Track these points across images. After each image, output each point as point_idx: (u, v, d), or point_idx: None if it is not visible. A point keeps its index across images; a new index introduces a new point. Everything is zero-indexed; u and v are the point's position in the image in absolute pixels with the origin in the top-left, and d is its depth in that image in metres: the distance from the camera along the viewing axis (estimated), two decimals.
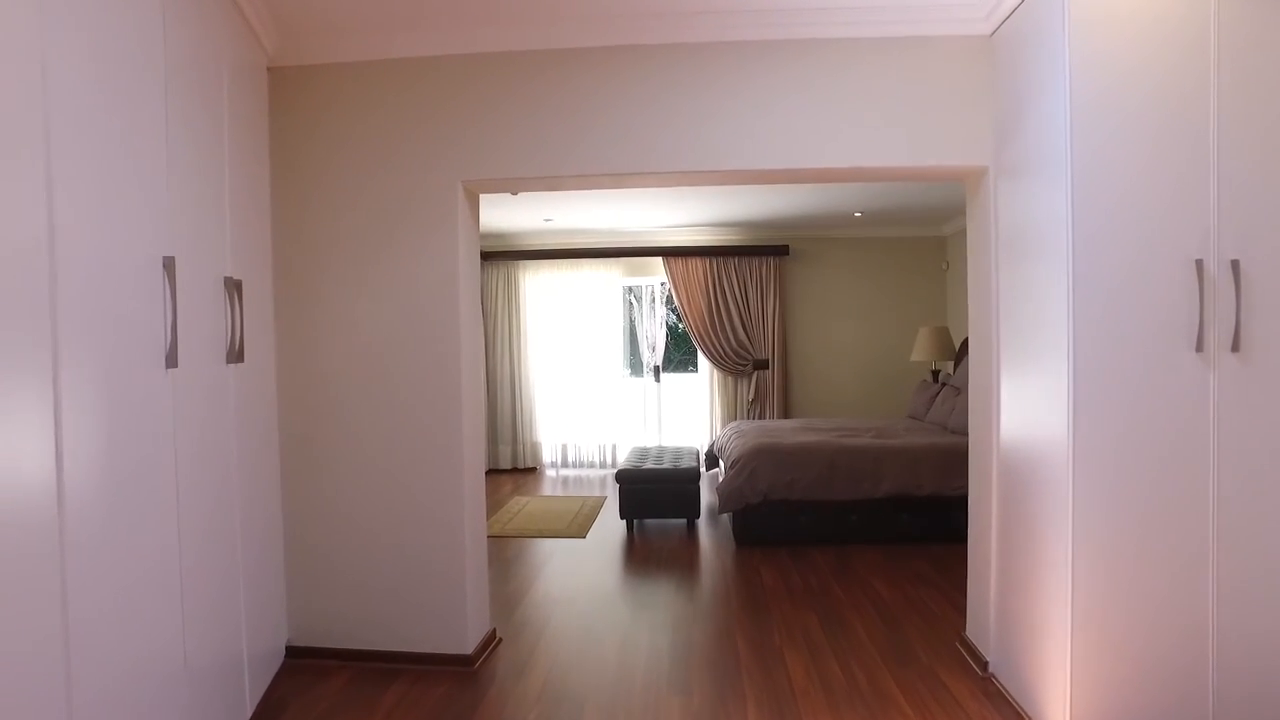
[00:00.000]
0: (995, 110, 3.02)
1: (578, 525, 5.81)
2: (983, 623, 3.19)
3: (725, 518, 5.81)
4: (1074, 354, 2.44)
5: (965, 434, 5.31)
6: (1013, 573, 2.92)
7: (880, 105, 3.09)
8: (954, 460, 5.10)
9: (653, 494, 5.59)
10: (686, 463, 5.87)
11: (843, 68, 3.10)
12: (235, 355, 2.64)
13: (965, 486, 4.97)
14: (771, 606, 4.05)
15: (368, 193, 3.27)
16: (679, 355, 9.53)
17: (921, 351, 7.27)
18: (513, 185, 3.39)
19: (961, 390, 5.97)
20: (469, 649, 3.31)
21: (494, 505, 6.63)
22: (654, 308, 8.68)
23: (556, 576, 4.63)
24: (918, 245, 8.18)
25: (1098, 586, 2.45)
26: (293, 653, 3.37)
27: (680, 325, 8.46)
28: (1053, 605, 2.55)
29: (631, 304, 13.25)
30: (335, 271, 3.30)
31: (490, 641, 3.52)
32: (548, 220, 7.43)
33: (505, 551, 5.18)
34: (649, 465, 5.80)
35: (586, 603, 4.17)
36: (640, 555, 5.08)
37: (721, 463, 6.37)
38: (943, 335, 7.21)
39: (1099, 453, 2.44)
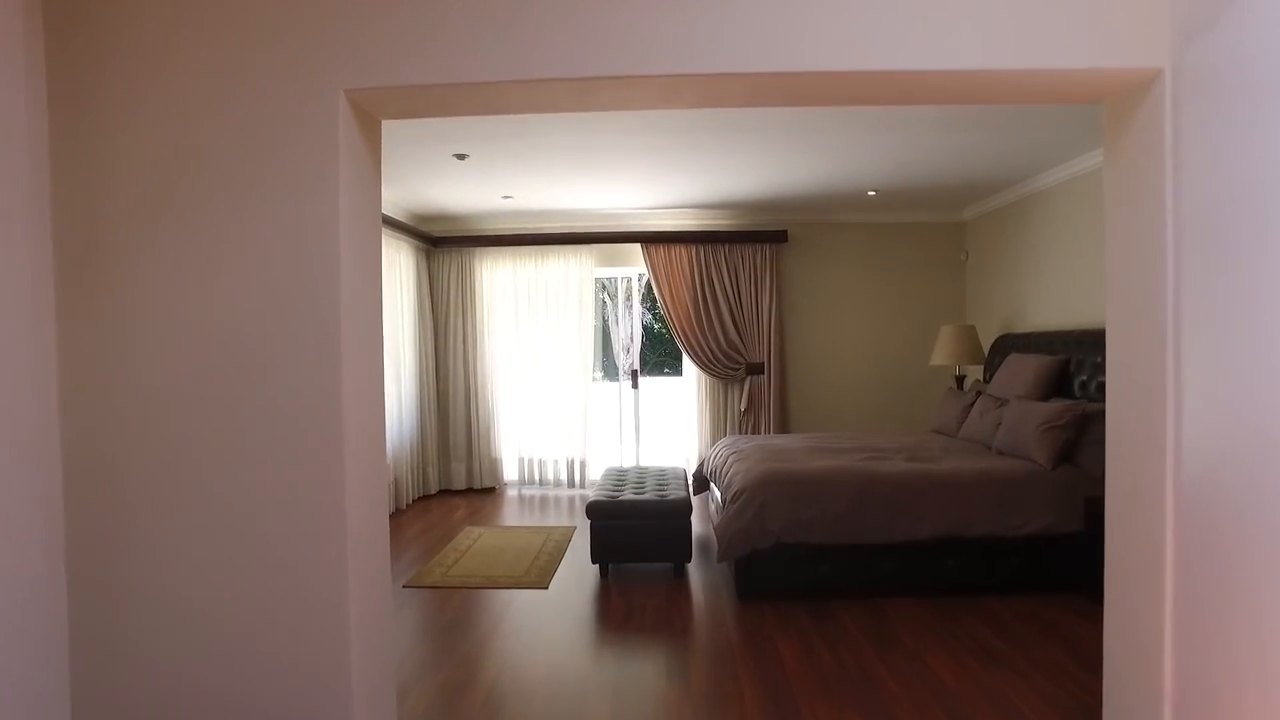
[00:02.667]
0: None
1: (539, 570, 4.67)
2: None
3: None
4: None
5: (1020, 456, 4.26)
6: (1214, 676, 1.84)
7: None
8: (1012, 491, 4.04)
9: (632, 533, 4.47)
10: (674, 490, 4.75)
11: None
12: None
13: (1027, 525, 3.92)
14: (799, 702, 2.94)
15: (204, 125, 2.12)
16: (655, 356, 8.32)
17: (944, 354, 6.23)
18: (425, 104, 2.25)
19: (1008, 401, 4.92)
20: None
21: (440, 538, 5.47)
22: (630, 303, 7.56)
23: (506, 653, 3.49)
24: (933, 232, 7.15)
25: None
26: None
27: (657, 325, 7.37)
28: None
29: (605, 302, 12.12)
30: (157, 240, 2.15)
31: None
32: (507, 198, 6.28)
33: (444, 610, 4.03)
34: (627, 495, 4.67)
35: (545, 699, 3.03)
36: (617, 615, 3.95)
37: (715, 488, 5.26)
38: (968, 335, 6.18)
39: None
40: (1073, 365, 4.77)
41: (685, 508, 4.48)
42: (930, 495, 4.04)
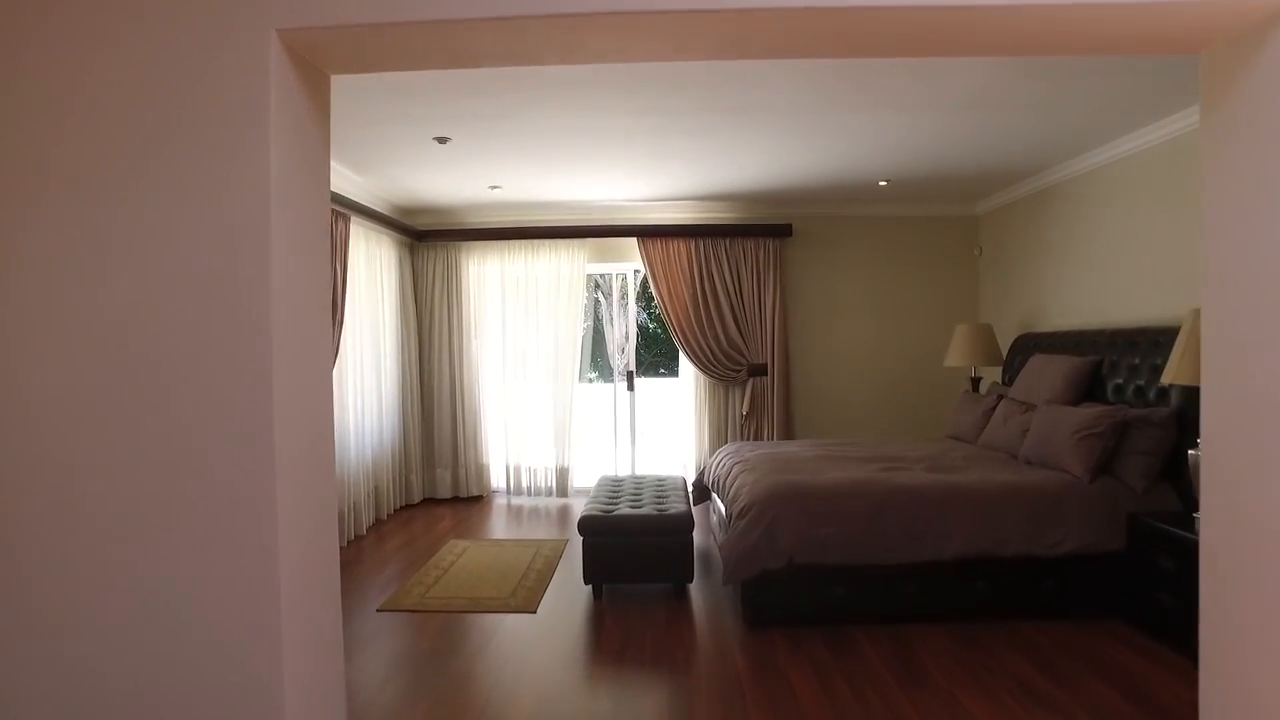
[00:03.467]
0: None
1: (527, 590, 4.28)
2: None
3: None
4: None
5: (1052, 467, 3.89)
6: None
7: None
8: (1046, 506, 3.66)
9: (629, 550, 4.08)
10: (674, 504, 4.36)
11: None
12: None
13: (1064, 543, 3.56)
14: None
15: (93, 70, 1.73)
16: (649, 356, 7.91)
17: (959, 355, 5.86)
18: (379, 52, 1.85)
19: (1034, 406, 4.55)
20: None
21: (422, 552, 5.07)
22: (625, 301, 7.18)
23: (491, 687, 3.10)
24: (945, 227, 6.78)
25: None
26: None
27: (652, 325, 6.99)
28: None
29: (599, 301, 11.74)
30: (33, 215, 1.75)
31: None
32: (494, 188, 5.89)
33: (422, 637, 3.64)
34: (623, 509, 4.28)
35: None
36: (613, 643, 3.56)
37: (717, 499, 4.88)
38: (985, 335, 5.80)
39: None
40: (1105, 367, 4.40)
41: (686, 523, 4.09)
42: (957, 510, 3.66)
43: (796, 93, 3.75)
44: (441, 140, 4.47)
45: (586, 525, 4.09)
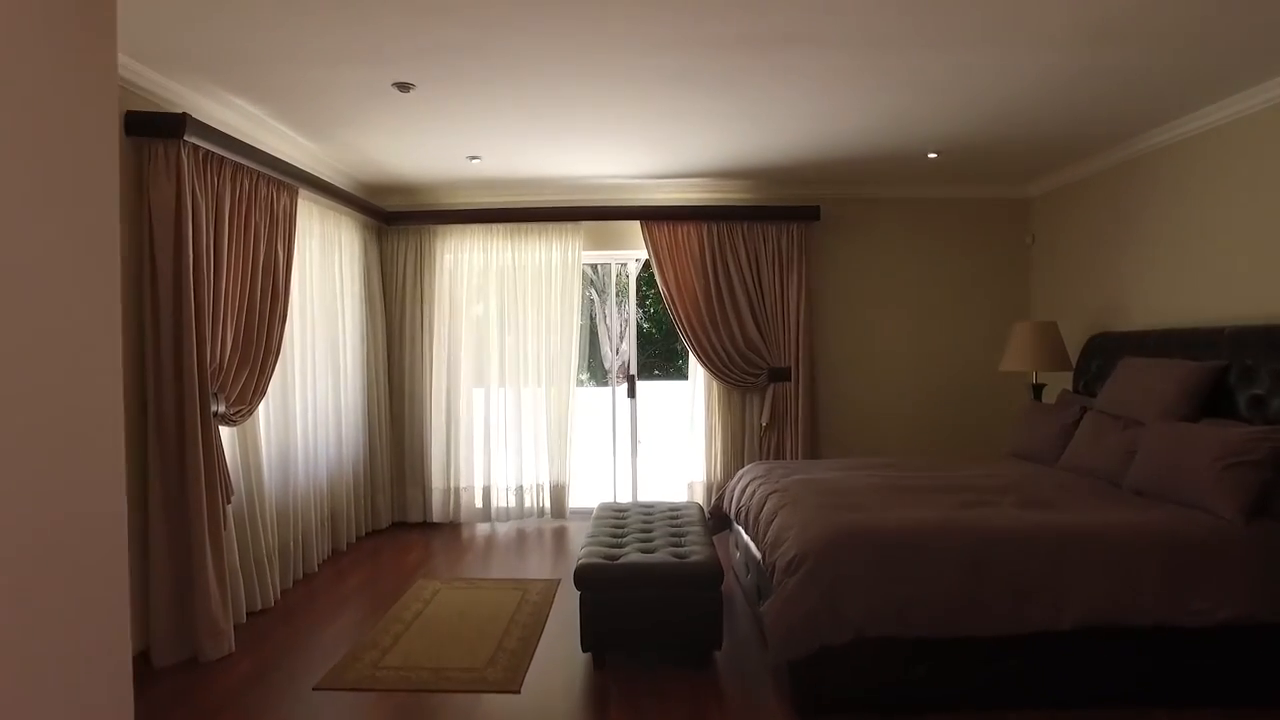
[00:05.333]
0: None
1: (509, 656, 3.37)
2: None
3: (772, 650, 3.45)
4: None
5: (1183, 502, 3.02)
6: None
7: None
8: (1188, 558, 2.79)
9: (640, 608, 3.18)
10: (694, 544, 3.46)
11: None
12: None
13: (1217, 610, 2.71)
14: None
15: None
16: (643, 356, 6.96)
17: (1018, 358, 4.99)
18: None
19: (1141, 422, 3.67)
20: None
21: (385, 595, 4.15)
22: (626, 293, 6.28)
23: None
24: (993, 211, 5.91)
25: None
26: None
27: (646, 324, 6.12)
28: None
29: (592, 299, 10.84)
30: None
31: None
32: (473, 159, 4.97)
33: None
34: (631, 553, 3.38)
35: None
36: None
37: (743, 533, 4.00)
38: (1048, 334, 4.93)
39: None
40: (1234, 374, 3.53)
41: (714, 574, 3.19)
42: (1074, 563, 2.78)
43: (867, 13, 2.86)
44: (403, 88, 3.56)
45: (586, 577, 3.19)
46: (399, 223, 5.81)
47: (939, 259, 5.91)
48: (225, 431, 3.73)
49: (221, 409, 3.54)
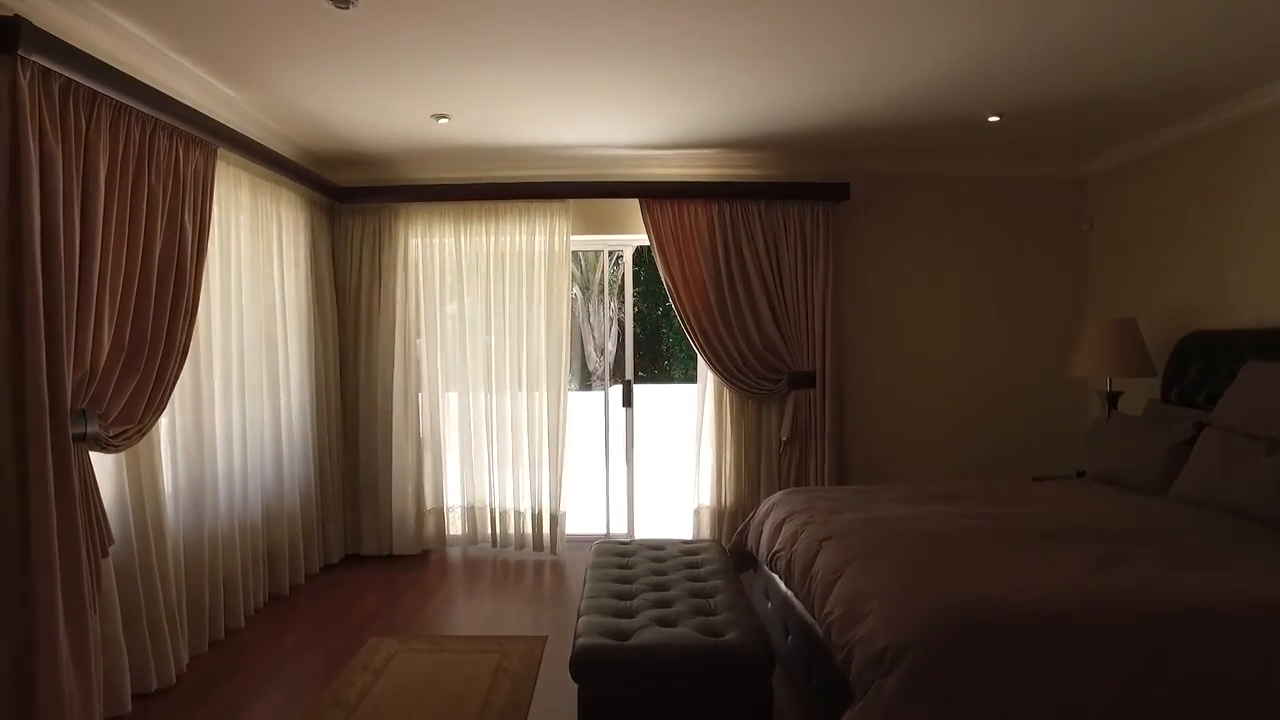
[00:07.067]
0: None
1: None
2: None
3: None
4: None
5: None
6: None
7: None
8: None
9: (659, 707, 2.32)
10: (726, 613, 2.61)
11: None
12: None
13: None
14: None
15: None
16: (636, 354, 6.20)
17: (1091, 361, 4.20)
18: None
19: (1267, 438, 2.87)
20: None
21: (323, 664, 3.25)
22: (621, 284, 5.42)
23: None
24: (1046, 192, 5.12)
25: None
26: None
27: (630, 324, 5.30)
28: None
29: (575, 293, 9.91)
30: None
31: None
32: (440, 119, 4.09)
33: None
34: (645, 627, 2.51)
35: None
36: None
37: (779, 581, 3.16)
38: (1127, 334, 4.13)
39: None
40: None
41: (762, 659, 2.34)
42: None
43: None
44: (339, 1, 2.67)
45: (588, 665, 2.32)
46: (354, 201, 4.90)
47: (985, 246, 5.10)
48: (103, 460, 2.83)
49: (94, 430, 2.63)
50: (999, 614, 2.02)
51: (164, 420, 3.23)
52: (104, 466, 2.84)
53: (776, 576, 3.23)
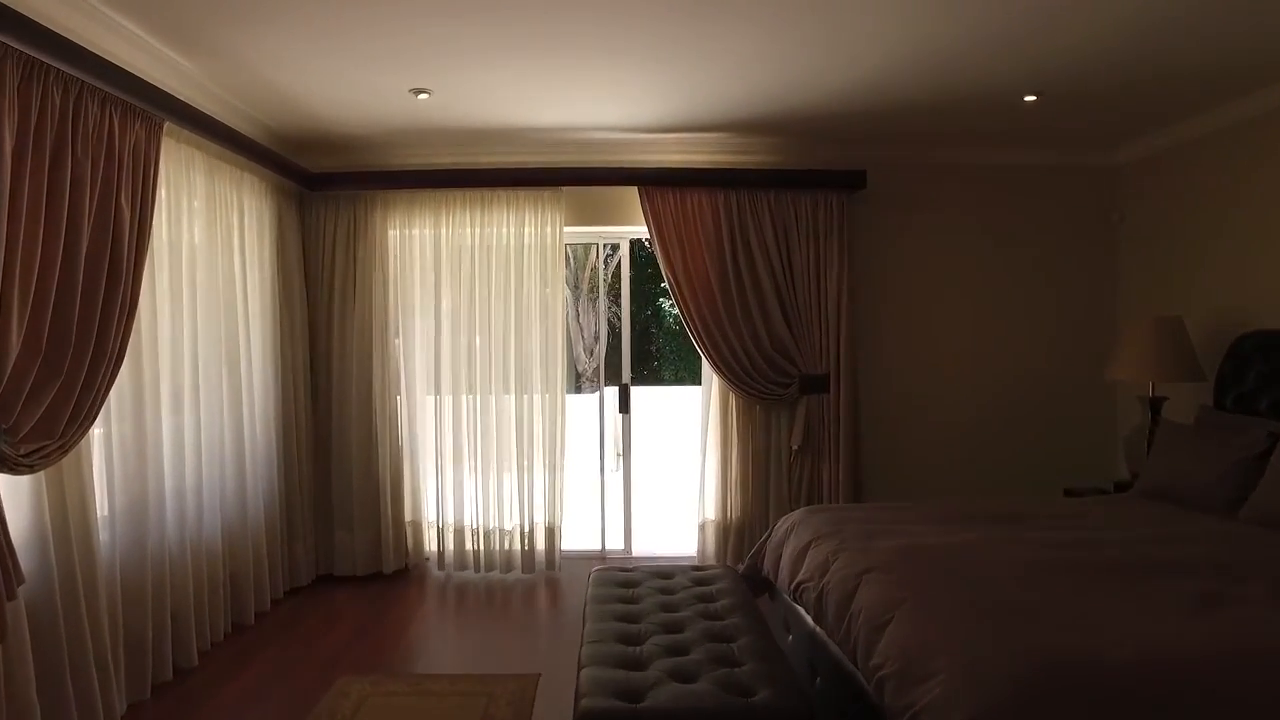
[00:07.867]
0: None
1: None
2: None
3: None
4: None
5: None
6: None
7: None
8: None
9: None
10: (752, 662, 2.20)
11: None
12: None
13: None
14: None
15: None
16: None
17: (1134, 364, 3.86)
18: None
19: None
20: None
21: (286, 709, 2.85)
22: (619, 281, 5.03)
23: None
24: (1074, 182, 4.77)
25: None
26: None
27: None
28: None
29: (567, 295, 9.55)
30: None
31: None
32: (420, 94, 3.67)
33: None
34: (656, 675, 2.11)
35: None
36: None
37: (804, 614, 2.78)
38: (1173, 334, 3.78)
39: None
40: None
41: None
42: None
43: None
44: None
45: None
46: (327, 188, 4.48)
47: (1008, 238, 4.75)
48: (16, 483, 2.40)
49: (2, 448, 2.21)
50: (1101, 679, 1.64)
51: (97, 432, 2.82)
52: (17, 490, 2.41)
53: (801, 610, 2.84)
